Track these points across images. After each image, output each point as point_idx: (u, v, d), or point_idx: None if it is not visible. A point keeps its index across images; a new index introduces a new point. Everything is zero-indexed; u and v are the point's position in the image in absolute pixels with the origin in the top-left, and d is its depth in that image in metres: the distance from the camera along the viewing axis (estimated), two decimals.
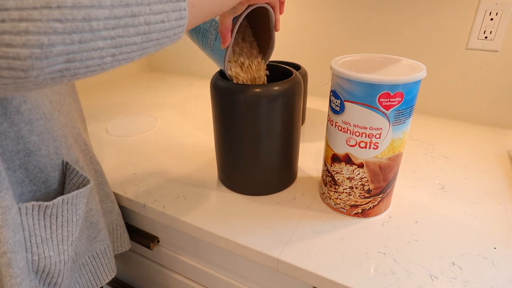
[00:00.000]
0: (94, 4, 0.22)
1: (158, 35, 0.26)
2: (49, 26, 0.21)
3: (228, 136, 0.54)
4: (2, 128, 0.36)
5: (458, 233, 0.49)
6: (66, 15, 0.21)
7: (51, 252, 0.41)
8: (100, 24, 0.22)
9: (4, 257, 0.36)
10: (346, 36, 0.92)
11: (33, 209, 0.39)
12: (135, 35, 0.25)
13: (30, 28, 0.20)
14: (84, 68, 0.24)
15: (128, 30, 0.24)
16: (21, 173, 0.39)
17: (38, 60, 0.21)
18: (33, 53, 0.21)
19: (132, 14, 0.24)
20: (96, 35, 0.22)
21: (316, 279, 0.44)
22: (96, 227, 0.51)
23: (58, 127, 0.43)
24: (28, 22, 0.20)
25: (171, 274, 0.69)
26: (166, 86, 1.16)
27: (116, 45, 0.24)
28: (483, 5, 0.74)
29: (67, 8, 0.21)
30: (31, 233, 0.39)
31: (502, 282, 0.41)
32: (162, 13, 0.25)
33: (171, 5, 0.26)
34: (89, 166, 0.51)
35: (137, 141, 0.78)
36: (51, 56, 0.22)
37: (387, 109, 0.43)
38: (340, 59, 0.48)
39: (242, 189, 0.58)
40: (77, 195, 0.43)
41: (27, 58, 0.21)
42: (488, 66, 0.78)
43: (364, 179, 0.48)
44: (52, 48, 0.21)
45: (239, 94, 0.49)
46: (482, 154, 0.70)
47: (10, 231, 0.36)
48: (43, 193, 0.42)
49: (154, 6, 0.25)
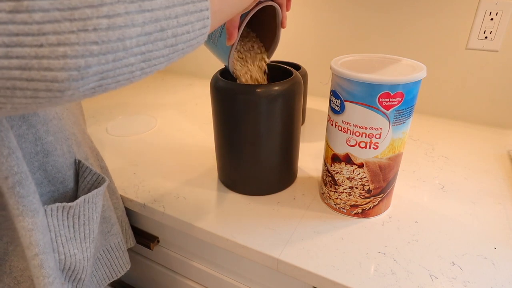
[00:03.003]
0: (127, 23, 0.22)
1: (183, 45, 0.27)
2: (86, 49, 0.21)
3: (228, 136, 0.54)
4: (21, 131, 0.36)
5: (458, 233, 0.49)
6: (102, 37, 0.21)
7: (76, 250, 0.43)
8: (133, 42, 0.23)
9: (36, 258, 0.38)
10: (346, 36, 0.92)
11: (58, 210, 0.40)
12: (163, 48, 0.25)
13: (68, 52, 0.20)
14: (114, 83, 0.24)
15: (157, 44, 0.25)
16: (40, 174, 0.40)
17: (75, 81, 0.22)
18: (70, 76, 0.21)
19: (161, 29, 0.24)
20: (129, 52, 0.23)
21: (316, 279, 0.44)
22: (109, 221, 0.52)
23: (69, 126, 0.44)
24: (66, 46, 0.20)
25: (171, 274, 0.69)
26: (166, 86, 1.16)
27: (145, 59, 0.25)
28: (483, 5, 0.74)
29: (102, 30, 0.21)
30: (56, 234, 0.41)
31: (502, 282, 0.41)
32: (187, 24, 0.26)
33: (196, 15, 0.26)
34: (96, 163, 0.52)
35: (137, 141, 0.78)
36: (87, 76, 0.22)
37: (387, 109, 0.43)
38: (340, 59, 0.48)
39: (242, 189, 0.58)
40: (96, 194, 0.44)
41: (64, 81, 0.21)
42: (488, 66, 0.78)
43: (364, 179, 0.48)
44: (88, 70, 0.22)
45: (239, 94, 0.49)
46: (482, 154, 0.70)
47: (39, 233, 0.37)
48: (61, 192, 0.43)
49: (181, 18, 0.25)
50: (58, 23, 0.20)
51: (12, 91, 0.21)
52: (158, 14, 0.24)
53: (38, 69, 0.20)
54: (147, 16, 0.23)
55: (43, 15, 0.19)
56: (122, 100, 1.04)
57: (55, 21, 0.20)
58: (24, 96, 0.22)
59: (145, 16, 0.23)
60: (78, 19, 0.20)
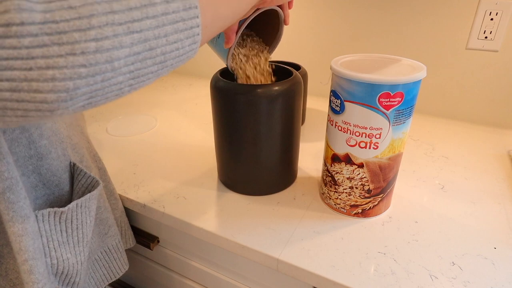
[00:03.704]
0: (115, 45, 0.22)
1: (172, 61, 0.27)
2: (74, 71, 0.21)
3: (228, 136, 0.54)
4: (15, 135, 0.36)
5: (458, 233, 0.49)
6: (90, 60, 0.22)
7: (69, 255, 0.43)
8: (121, 62, 0.23)
9: (26, 264, 0.37)
10: (346, 36, 0.92)
11: (49, 215, 0.40)
12: (152, 65, 0.26)
13: (56, 75, 0.21)
14: (104, 100, 0.25)
15: (146, 63, 0.25)
16: (35, 178, 0.40)
17: (64, 102, 0.22)
18: (59, 97, 0.22)
19: (150, 48, 0.24)
20: (117, 72, 0.23)
21: (316, 279, 0.44)
22: (106, 223, 0.52)
23: (63, 128, 0.43)
24: (55, 70, 0.21)
25: (171, 274, 0.69)
26: (166, 86, 1.16)
27: (134, 76, 0.25)
28: (483, 5, 0.74)
29: (90, 53, 0.21)
30: (48, 239, 0.40)
31: (502, 282, 0.41)
32: (177, 42, 0.26)
33: (186, 33, 0.26)
34: (94, 164, 0.51)
35: (137, 141, 0.78)
36: (76, 97, 0.23)
37: (387, 109, 0.43)
38: (340, 59, 0.48)
39: (242, 189, 0.58)
40: (90, 198, 0.44)
41: (54, 102, 0.22)
42: (488, 66, 0.78)
43: (364, 179, 0.48)
44: (77, 91, 0.22)
45: (239, 94, 0.49)
46: (482, 154, 0.70)
47: (29, 239, 0.37)
48: (56, 195, 0.43)
49: (171, 36, 0.25)
50: (47, 47, 0.20)
51: (3, 111, 0.22)
52: (147, 34, 0.24)
53: (27, 91, 0.21)
54: (136, 37, 0.23)
55: (32, 40, 0.20)
56: (122, 100, 1.04)
57: (44, 45, 0.20)
58: (15, 115, 0.22)
59: (133, 37, 0.23)
60: (66, 42, 0.21)
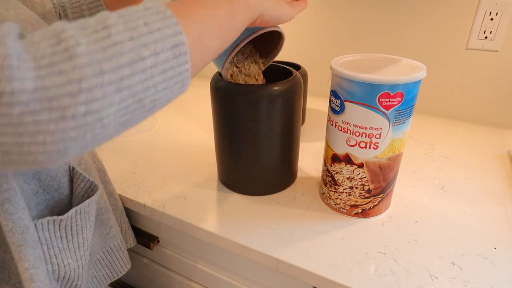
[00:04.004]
0: (104, 106, 0.22)
1: (162, 104, 0.27)
2: (64, 135, 0.22)
3: (228, 136, 0.54)
4: None
5: (458, 233, 0.49)
6: (80, 123, 0.22)
7: (70, 260, 0.43)
8: (110, 118, 0.23)
9: (27, 273, 0.38)
10: (346, 36, 0.92)
11: (49, 223, 0.40)
12: (141, 113, 0.26)
13: (47, 140, 0.21)
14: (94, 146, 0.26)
15: (135, 113, 0.25)
16: (35, 183, 0.40)
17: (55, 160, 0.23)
18: (50, 157, 0.23)
19: (139, 100, 0.24)
20: (107, 127, 0.24)
21: (316, 279, 0.44)
22: (108, 224, 0.52)
23: None
24: (46, 135, 0.21)
25: (171, 274, 0.69)
26: None
27: (124, 125, 0.25)
28: (483, 5, 0.74)
29: (80, 117, 0.22)
30: (48, 246, 0.41)
31: (502, 282, 0.41)
32: (166, 89, 0.26)
33: (175, 79, 0.26)
34: (93, 165, 0.51)
35: (137, 141, 0.78)
36: (67, 155, 0.23)
37: (387, 109, 0.43)
38: (340, 59, 0.48)
39: (242, 189, 0.58)
40: (89, 204, 0.44)
41: (45, 161, 0.23)
42: (488, 66, 0.78)
43: (364, 179, 0.48)
44: (68, 151, 0.23)
45: (239, 94, 0.49)
46: (482, 154, 0.70)
47: (29, 248, 0.37)
48: (56, 200, 0.43)
49: (160, 86, 0.25)
50: (38, 113, 0.20)
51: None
52: (136, 89, 0.24)
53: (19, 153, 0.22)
54: (125, 93, 0.23)
55: (23, 108, 0.20)
56: None
57: (34, 111, 0.20)
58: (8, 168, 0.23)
59: (122, 94, 0.23)
60: (57, 108, 0.21)
